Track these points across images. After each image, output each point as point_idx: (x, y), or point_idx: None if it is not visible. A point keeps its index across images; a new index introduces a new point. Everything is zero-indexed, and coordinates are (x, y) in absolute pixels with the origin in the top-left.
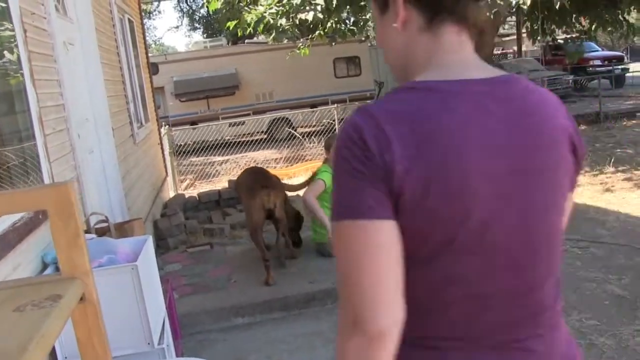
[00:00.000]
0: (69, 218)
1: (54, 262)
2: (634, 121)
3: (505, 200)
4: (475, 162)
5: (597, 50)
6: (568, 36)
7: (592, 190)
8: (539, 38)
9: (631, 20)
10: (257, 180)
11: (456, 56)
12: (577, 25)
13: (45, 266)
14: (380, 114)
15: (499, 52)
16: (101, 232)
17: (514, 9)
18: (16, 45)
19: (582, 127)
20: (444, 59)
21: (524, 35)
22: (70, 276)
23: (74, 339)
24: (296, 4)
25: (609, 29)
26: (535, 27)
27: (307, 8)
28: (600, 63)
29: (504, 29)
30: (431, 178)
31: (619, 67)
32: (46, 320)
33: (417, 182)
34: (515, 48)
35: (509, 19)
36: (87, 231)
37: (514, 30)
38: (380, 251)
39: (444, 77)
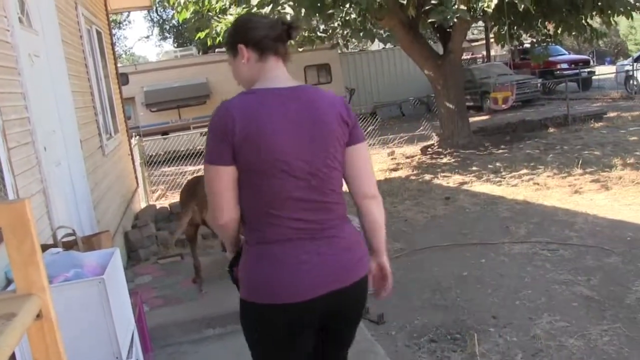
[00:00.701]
0: (25, 235)
1: None
2: (600, 123)
3: (297, 150)
4: (276, 131)
5: (564, 54)
6: (534, 40)
7: (561, 193)
8: (506, 43)
9: (594, 25)
10: (190, 193)
11: (273, 74)
12: (543, 30)
13: (9, 282)
14: (230, 106)
15: (468, 57)
16: (68, 246)
17: (480, 14)
18: None
19: (551, 129)
20: (267, 76)
21: (492, 40)
22: (26, 293)
23: None
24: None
25: (574, 33)
26: (502, 32)
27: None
28: (568, 66)
29: (473, 34)
30: (251, 139)
31: (586, 70)
32: None
33: (245, 141)
34: (485, 53)
35: (479, 24)
36: (54, 245)
37: (484, 35)
38: (222, 180)
39: (264, 86)
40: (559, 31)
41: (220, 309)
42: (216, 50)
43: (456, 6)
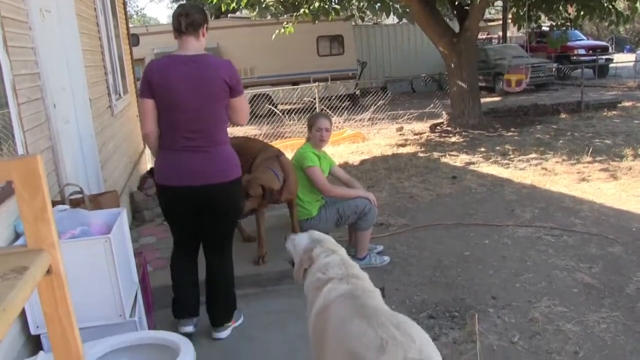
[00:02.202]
0: (36, 191)
1: None
2: (614, 112)
3: (187, 95)
4: (175, 81)
5: (583, 39)
6: (553, 23)
7: (569, 179)
8: (524, 24)
9: (619, 8)
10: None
11: (184, 46)
12: (564, 13)
13: (18, 236)
14: (154, 63)
15: (483, 37)
16: (75, 203)
17: None
18: None
19: (563, 115)
20: (181, 48)
21: (510, 21)
22: (37, 248)
23: None
24: None
25: (596, 17)
26: (521, 13)
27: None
28: (585, 52)
29: (490, 13)
30: (160, 86)
31: (603, 57)
32: (10, 292)
33: (157, 86)
34: (501, 33)
35: (497, 3)
36: (62, 202)
37: (501, 15)
38: (145, 107)
39: (177, 53)
40: (580, 14)
41: None
42: (229, 15)
43: None
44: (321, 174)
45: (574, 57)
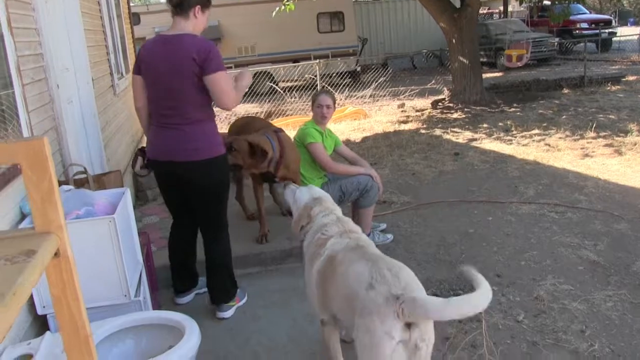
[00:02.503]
0: (43, 173)
1: None
2: (618, 86)
3: (161, 73)
4: (154, 59)
5: (585, 13)
6: None
7: (572, 155)
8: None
9: None
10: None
11: (172, 25)
12: None
13: (23, 216)
14: (145, 42)
15: (484, 11)
16: (80, 184)
17: None
18: None
19: (565, 90)
20: (170, 27)
21: None
22: (45, 231)
23: None
24: None
25: None
26: None
27: None
28: (587, 26)
29: None
30: (144, 63)
31: (606, 31)
32: (19, 276)
33: (142, 63)
34: (502, 8)
35: None
36: (66, 182)
37: None
38: (137, 83)
39: (163, 32)
40: None
41: None
42: None
43: None
44: (323, 149)
45: (577, 31)
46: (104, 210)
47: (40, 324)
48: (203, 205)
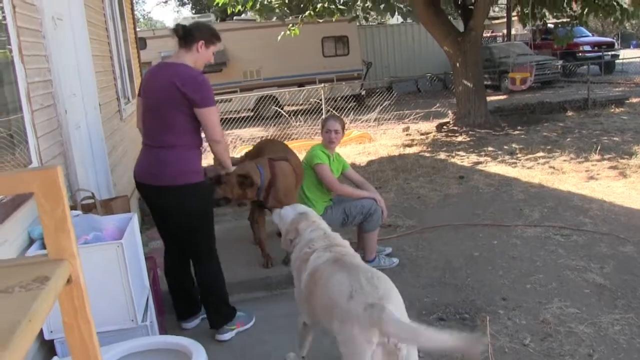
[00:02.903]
0: (57, 201)
1: (41, 237)
2: (621, 109)
3: (151, 98)
4: (148, 83)
5: (588, 36)
6: (558, 21)
7: (577, 178)
8: (528, 22)
9: (624, 5)
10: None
11: (175, 54)
12: (569, 10)
13: (32, 241)
14: (150, 68)
15: (488, 35)
16: (87, 209)
17: None
18: (4, 19)
19: (570, 113)
20: (174, 54)
21: (514, 18)
22: (57, 258)
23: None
24: None
25: (601, 14)
26: (526, 11)
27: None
28: (590, 49)
29: (494, 11)
30: (144, 85)
31: (609, 53)
32: (34, 302)
33: (142, 86)
34: (505, 31)
35: (501, 1)
36: (74, 207)
37: (505, 13)
38: (139, 104)
39: (166, 60)
40: (585, 12)
41: (232, 276)
42: (234, 17)
43: None
44: (329, 171)
45: (580, 54)
46: (111, 236)
47: (47, 349)
48: (179, 233)
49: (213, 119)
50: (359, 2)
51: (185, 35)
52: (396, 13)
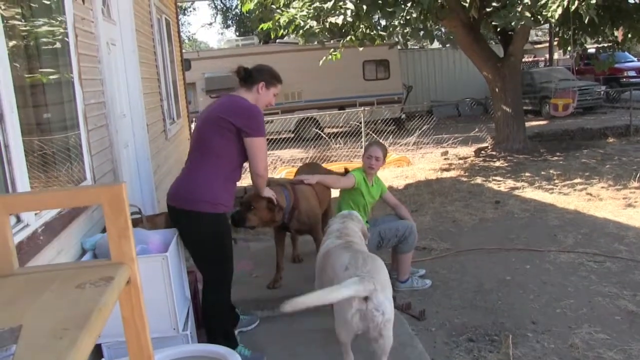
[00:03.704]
0: (120, 212)
1: (92, 248)
2: None
3: (202, 122)
4: (205, 110)
5: (633, 61)
6: (599, 46)
7: (614, 205)
8: (569, 48)
9: None
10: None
11: (236, 90)
12: (610, 36)
13: (84, 252)
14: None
15: (530, 59)
16: (134, 223)
17: (542, 21)
18: (67, 45)
19: (610, 139)
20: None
21: (556, 43)
22: (119, 261)
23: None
24: (327, 7)
25: None
26: (566, 37)
27: (338, 12)
28: (635, 74)
29: (537, 35)
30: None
31: None
32: (102, 296)
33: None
34: (547, 56)
35: (543, 25)
36: None
37: (547, 38)
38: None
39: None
40: (627, 38)
41: (270, 293)
42: (277, 40)
43: (520, 11)
44: (345, 180)
45: (624, 80)
46: (157, 249)
47: (94, 352)
48: (191, 252)
49: (260, 150)
50: (398, 29)
51: (247, 76)
52: (435, 40)
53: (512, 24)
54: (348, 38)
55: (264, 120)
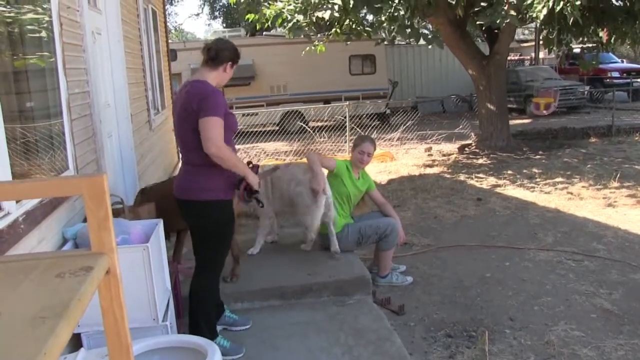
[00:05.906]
0: (101, 203)
1: (73, 237)
2: None
3: (176, 117)
4: (175, 103)
5: (617, 62)
6: (584, 46)
7: (594, 204)
8: (553, 48)
9: None
10: None
11: (198, 72)
12: (595, 37)
13: (65, 241)
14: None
15: (515, 57)
16: (116, 213)
17: (528, 21)
18: (52, 34)
19: (593, 139)
20: (197, 72)
21: (541, 43)
22: (99, 251)
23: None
24: (314, 2)
25: (628, 42)
26: (551, 37)
27: (325, 7)
28: (619, 75)
29: (523, 34)
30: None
31: (639, 80)
32: (81, 286)
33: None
34: (533, 55)
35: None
36: None
37: (534, 37)
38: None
39: (189, 78)
40: (612, 39)
41: (249, 285)
42: (264, 33)
43: (505, 10)
44: (327, 160)
45: (608, 80)
46: (138, 239)
47: (74, 342)
48: (193, 241)
49: (208, 128)
50: (385, 25)
51: (216, 56)
52: (421, 38)
53: (498, 22)
54: (333, 31)
55: (220, 99)
